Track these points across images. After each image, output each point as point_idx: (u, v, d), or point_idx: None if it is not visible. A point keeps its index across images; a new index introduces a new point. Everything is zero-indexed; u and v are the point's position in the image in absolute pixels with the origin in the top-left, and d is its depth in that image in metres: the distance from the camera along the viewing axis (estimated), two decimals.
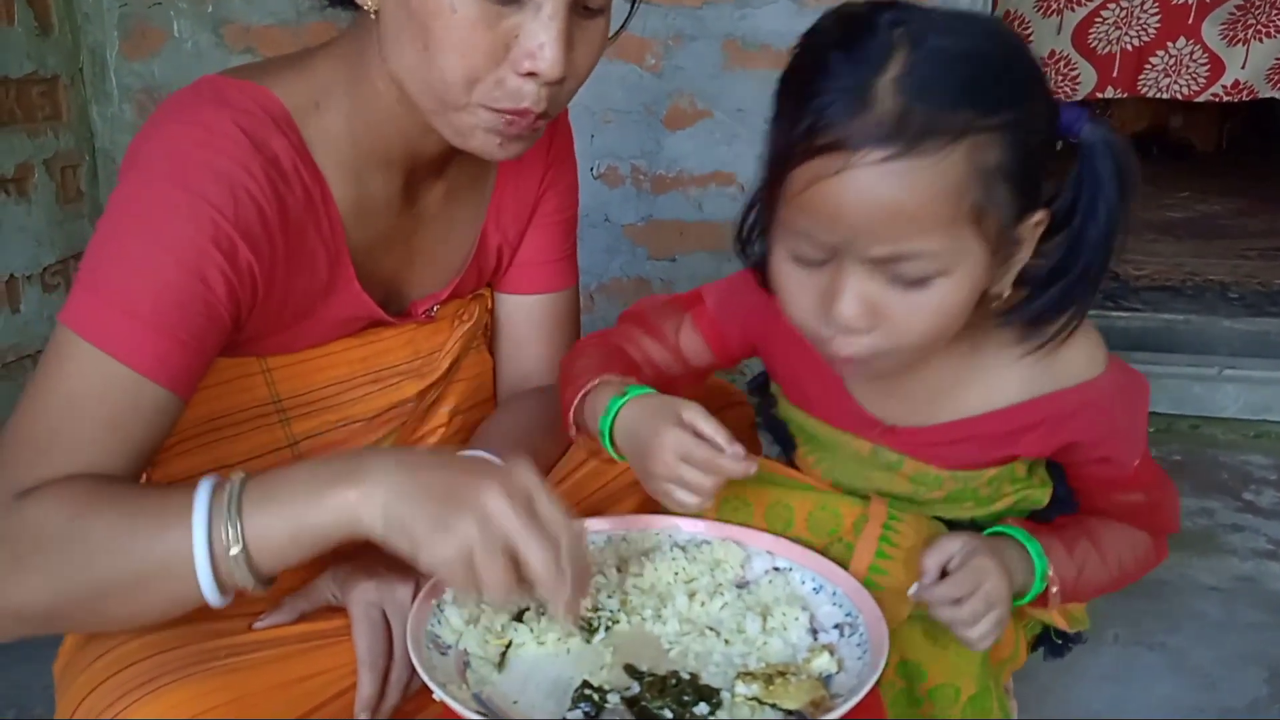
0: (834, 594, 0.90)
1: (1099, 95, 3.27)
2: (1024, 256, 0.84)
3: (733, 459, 0.84)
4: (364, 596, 0.89)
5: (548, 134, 1.13)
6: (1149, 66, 3.18)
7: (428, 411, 1.13)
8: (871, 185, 0.75)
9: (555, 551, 0.75)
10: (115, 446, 0.81)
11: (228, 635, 0.87)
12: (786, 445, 1.12)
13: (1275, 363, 2.39)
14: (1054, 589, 0.93)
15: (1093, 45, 3.23)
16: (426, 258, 1.08)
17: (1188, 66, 3.16)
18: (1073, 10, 3.17)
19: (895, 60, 0.75)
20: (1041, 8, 3.20)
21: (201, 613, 0.90)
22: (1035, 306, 0.87)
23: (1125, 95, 3.30)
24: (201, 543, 0.74)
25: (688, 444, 0.85)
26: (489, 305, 1.20)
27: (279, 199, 0.88)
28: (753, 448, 1.16)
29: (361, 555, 0.95)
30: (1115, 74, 3.24)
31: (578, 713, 0.74)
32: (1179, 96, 3.19)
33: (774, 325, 1.01)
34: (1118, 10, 3.19)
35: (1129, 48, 3.25)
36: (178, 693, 0.77)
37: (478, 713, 0.72)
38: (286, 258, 0.91)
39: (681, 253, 2.45)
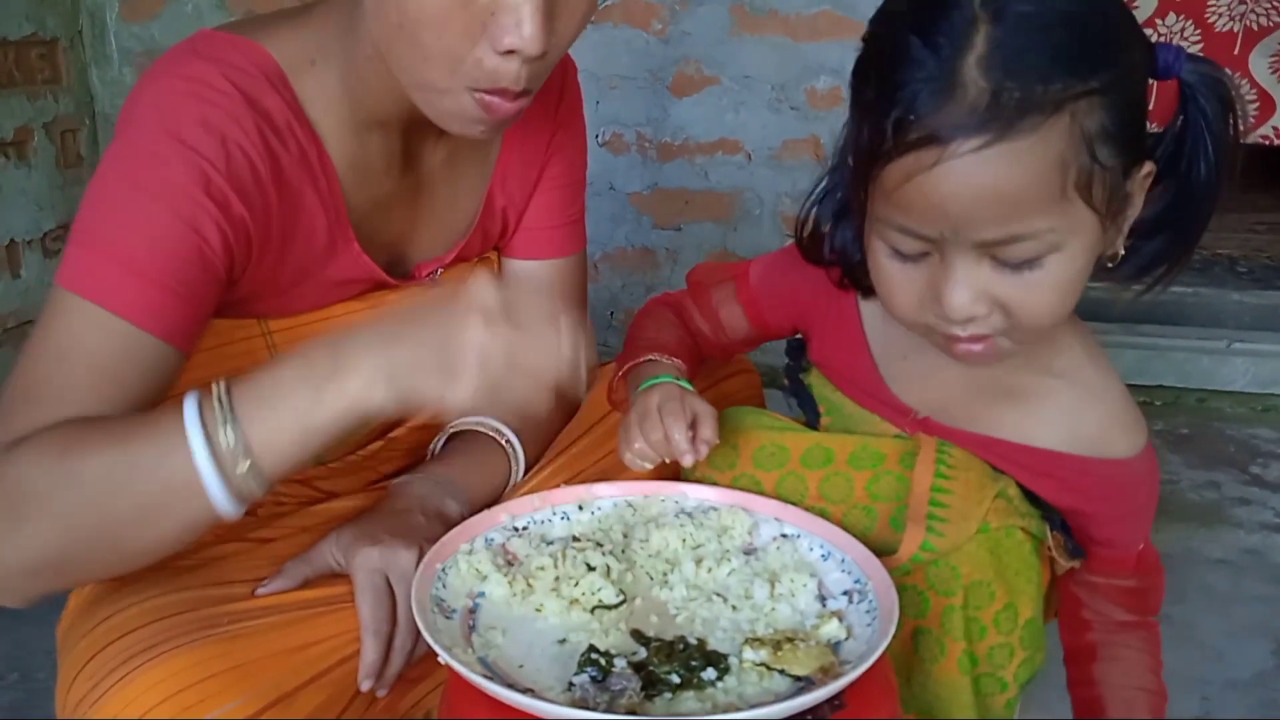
0: (842, 561, 0.89)
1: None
2: (1134, 212, 0.81)
3: (679, 450, 0.90)
4: (367, 563, 0.88)
5: (555, 94, 1.11)
6: None
7: None
8: (970, 174, 0.72)
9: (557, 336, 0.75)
10: (109, 394, 0.79)
11: (230, 602, 0.86)
12: (811, 414, 1.11)
13: None
14: None
15: None
16: (430, 221, 1.06)
17: None
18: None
19: (978, 37, 0.71)
20: None
21: (200, 578, 0.89)
22: (1141, 259, 0.85)
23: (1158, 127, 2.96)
24: (205, 460, 0.72)
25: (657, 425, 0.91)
26: (495, 270, 1.18)
27: (272, 155, 0.87)
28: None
29: (363, 520, 0.94)
30: (1151, 107, 2.97)
31: (584, 677, 0.73)
32: None
33: (814, 304, 1.01)
34: (1153, 36, 2.90)
35: None
36: (179, 659, 0.77)
37: (483, 676, 0.71)
38: (282, 216, 0.89)
39: (687, 222, 2.44)
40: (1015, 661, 0.96)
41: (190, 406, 0.74)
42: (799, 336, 1.14)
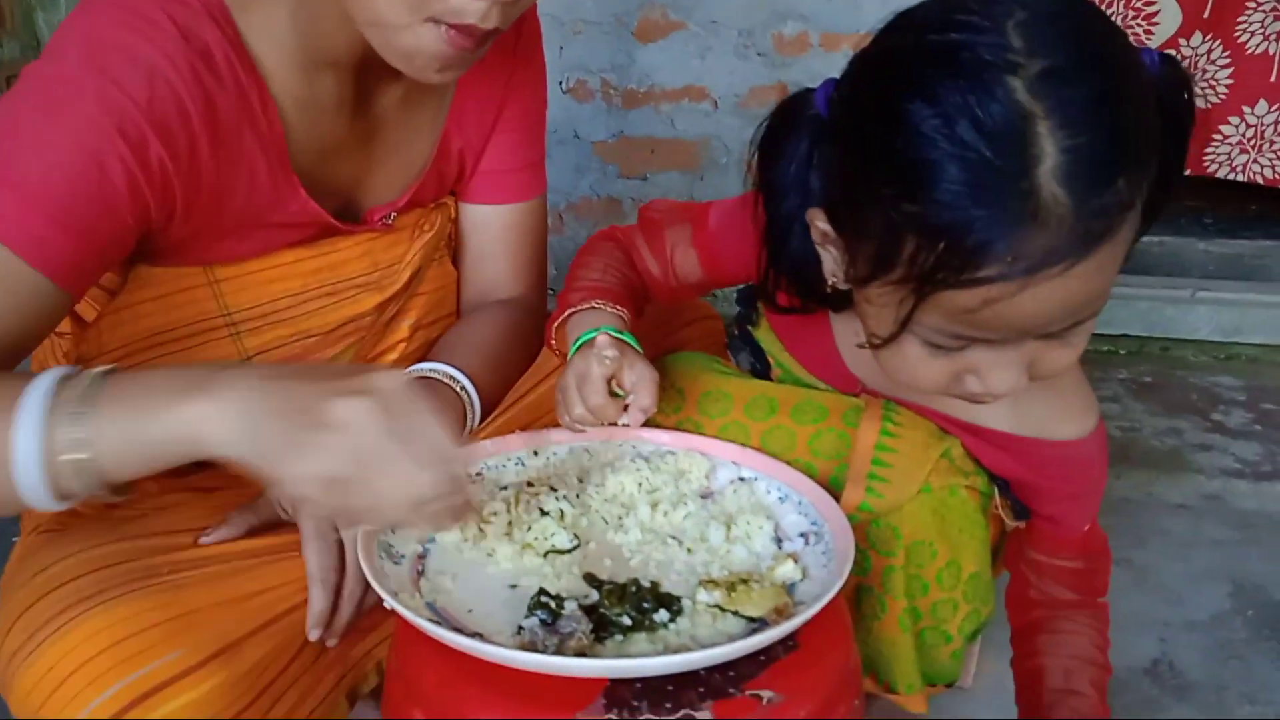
0: (799, 503, 0.88)
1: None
2: None
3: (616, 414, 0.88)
4: (315, 510, 0.86)
5: (513, 32, 1.07)
6: (1218, 138, 2.31)
7: (388, 326, 1.09)
8: (1055, 293, 0.67)
9: (440, 470, 0.68)
10: None
11: (173, 551, 0.84)
12: (762, 365, 1.09)
13: (1247, 285, 2.38)
14: None
15: None
16: (384, 164, 1.03)
17: (1271, 141, 2.28)
18: None
19: (1045, 142, 0.63)
20: None
21: (143, 527, 0.87)
22: None
23: (1189, 174, 2.32)
24: (30, 445, 0.66)
25: (592, 388, 0.88)
26: (452, 215, 1.15)
27: (206, 94, 0.82)
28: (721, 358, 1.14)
29: None
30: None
31: (533, 620, 0.72)
32: (1259, 180, 2.32)
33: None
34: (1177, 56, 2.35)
35: None
36: (115, 610, 0.74)
37: (430, 620, 0.70)
38: (216, 159, 0.85)
39: (653, 171, 2.40)
40: (959, 615, 0.96)
41: (47, 380, 0.68)
42: (750, 285, 1.11)
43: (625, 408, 0.89)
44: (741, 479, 0.93)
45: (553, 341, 1.01)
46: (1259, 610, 1.39)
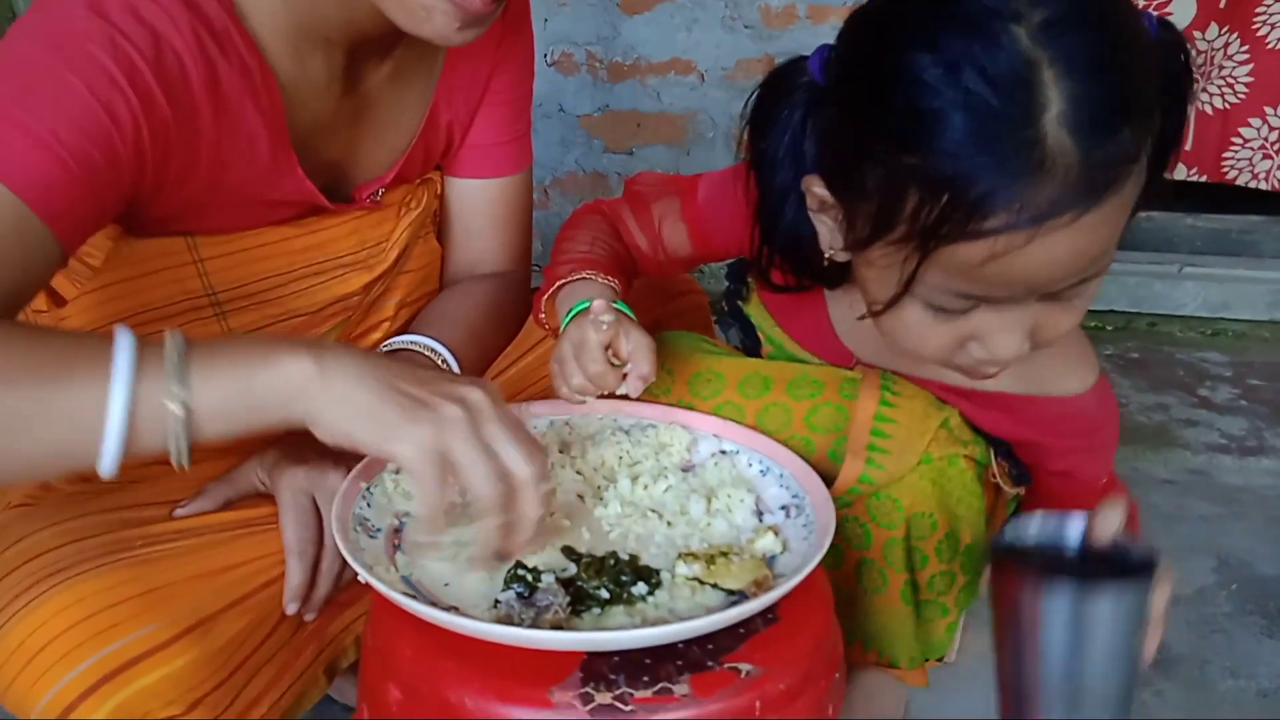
0: (781, 476, 0.88)
1: (1166, 177, 2.45)
2: None
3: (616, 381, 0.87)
4: (293, 483, 0.85)
5: None
6: (1238, 142, 2.17)
7: (373, 305, 1.07)
8: (1063, 245, 0.66)
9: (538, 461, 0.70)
10: None
11: (147, 524, 0.82)
12: (752, 340, 1.08)
13: (1235, 260, 2.38)
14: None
15: None
16: (371, 141, 1.01)
17: None
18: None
19: (1050, 89, 0.62)
20: None
21: (117, 500, 0.86)
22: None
23: (1205, 180, 2.25)
24: (119, 419, 0.63)
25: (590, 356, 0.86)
26: (438, 191, 1.13)
27: (209, 63, 0.80)
28: (707, 334, 1.13)
29: (290, 440, 0.91)
30: (1190, 147, 2.21)
31: (510, 593, 0.71)
32: None
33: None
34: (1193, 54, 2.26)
35: (1208, 110, 2.17)
36: (88, 584, 0.73)
37: (405, 594, 0.69)
38: (217, 130, 0.83)
39: (639, 145, 2.38)
40: (956, 587, 0.96)
41: (124, 342, 0.65)
42: (741, 260, 1.10)
43: (624, 377, 0.87)
44: (723, 452, 0.92)
45: (542, 315, 0.99)
46: (1243, 585, 1.39)
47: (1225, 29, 2.09)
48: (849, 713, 1.05)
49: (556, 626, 0.68)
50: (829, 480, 0.89)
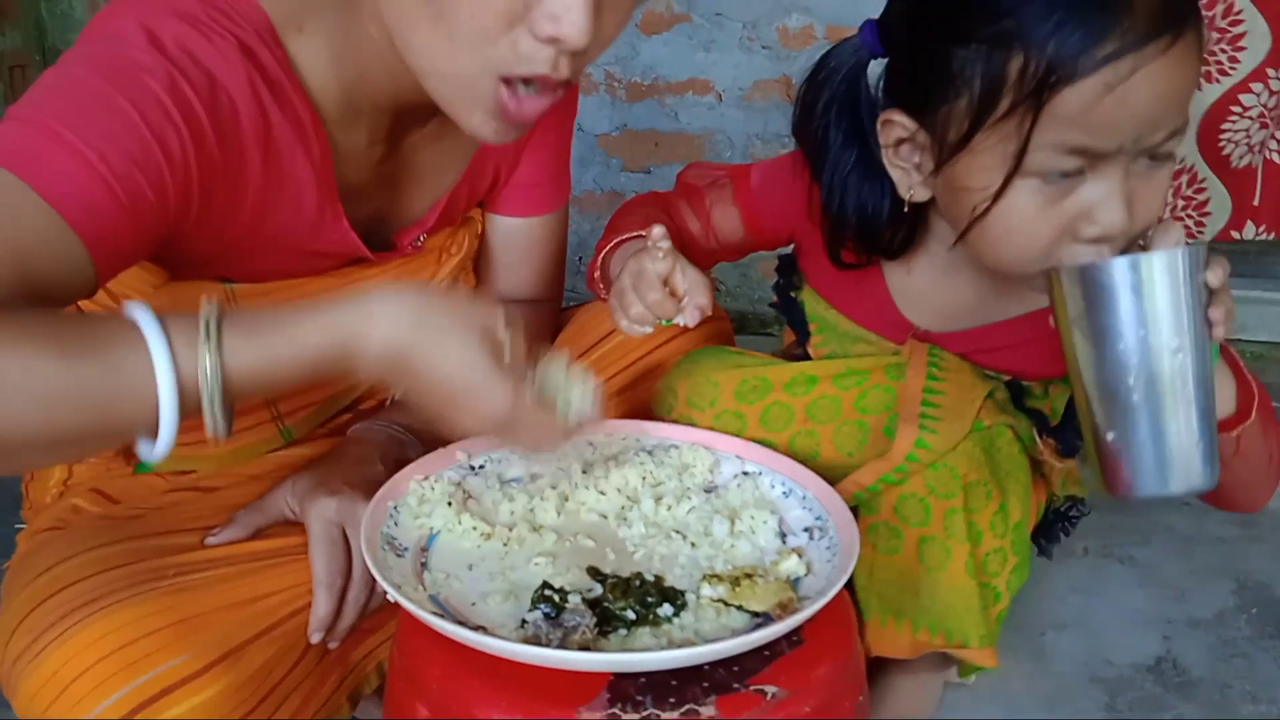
0: (804, 498, 0.88)
1: (1235, 235, 2.04)
2: None
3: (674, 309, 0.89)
4: (324, 513, 0.85)
5: None
6: None
7: None
8: (1162, 75, 0.73)
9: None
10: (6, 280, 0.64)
11: (178, 552, 0.82)
12: (801, 331, 1.10)
13: (1252, 282, 2.37)
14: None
15: (1225, 152, 1.93)
16: (413, 188, 1.02)
17: None
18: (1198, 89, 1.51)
19: None
20: None
21: (147, 526, 0.86)
22: None
23: (1275, 238, 2.04)
24: (170, 395, 0.62)
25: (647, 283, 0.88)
26: (479, 231, 1.14)
27: (262, 111, 0.80)
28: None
29: (319, 468, 0.91)
30: (1258, 202, 2.00)
31: (537, 614, 0.72)
32: None
33: (816, 215, 1.00)
34: (1263, 96, 1.86)
35: (1276, 160, 1.95)
36: (121, 614, 0.73)
37: (434, 613, 0.69)
38: (265, 177, 0.83)
39: (657, 164, 2.39)
40: (1008, 568, 0.95)
41: (140, 310, 0.63)
42: (789, 253, 1.13)
43: (681, 309, 0.89)
44: (745, 473, 0.93)
45: (595, 274, 1.03)
46: (1263, 608, 1.38)
47: None
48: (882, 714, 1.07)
49: (583, 647, 0.69)
50: (882, 454, 0.92)
